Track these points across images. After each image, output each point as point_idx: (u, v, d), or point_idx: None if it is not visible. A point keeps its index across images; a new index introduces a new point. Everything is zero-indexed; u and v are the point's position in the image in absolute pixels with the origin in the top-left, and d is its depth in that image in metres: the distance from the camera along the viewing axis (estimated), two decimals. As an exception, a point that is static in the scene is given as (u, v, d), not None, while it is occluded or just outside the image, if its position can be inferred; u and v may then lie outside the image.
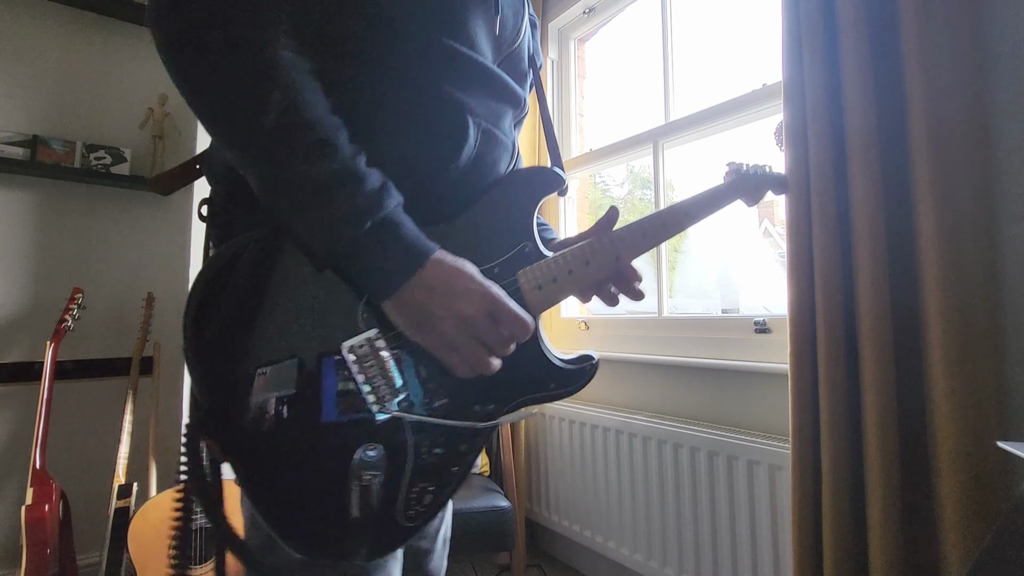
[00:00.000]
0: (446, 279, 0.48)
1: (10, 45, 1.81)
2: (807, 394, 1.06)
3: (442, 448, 0.52)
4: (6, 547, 1.70)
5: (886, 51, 1.01)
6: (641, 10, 1.93)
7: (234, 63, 0.44)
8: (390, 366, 0.50)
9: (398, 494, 0.50)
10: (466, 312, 0.48)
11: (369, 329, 0.50)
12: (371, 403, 0.49)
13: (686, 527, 1.37)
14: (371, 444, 0.48)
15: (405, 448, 0.50)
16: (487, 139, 0.58)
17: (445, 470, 0.52)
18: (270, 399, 0.46)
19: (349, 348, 0.49)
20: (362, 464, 0.48)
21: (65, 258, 1.87)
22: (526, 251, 0.58)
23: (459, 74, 0.55)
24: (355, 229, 0.46)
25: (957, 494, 0.86)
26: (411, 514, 0.51)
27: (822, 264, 1.03)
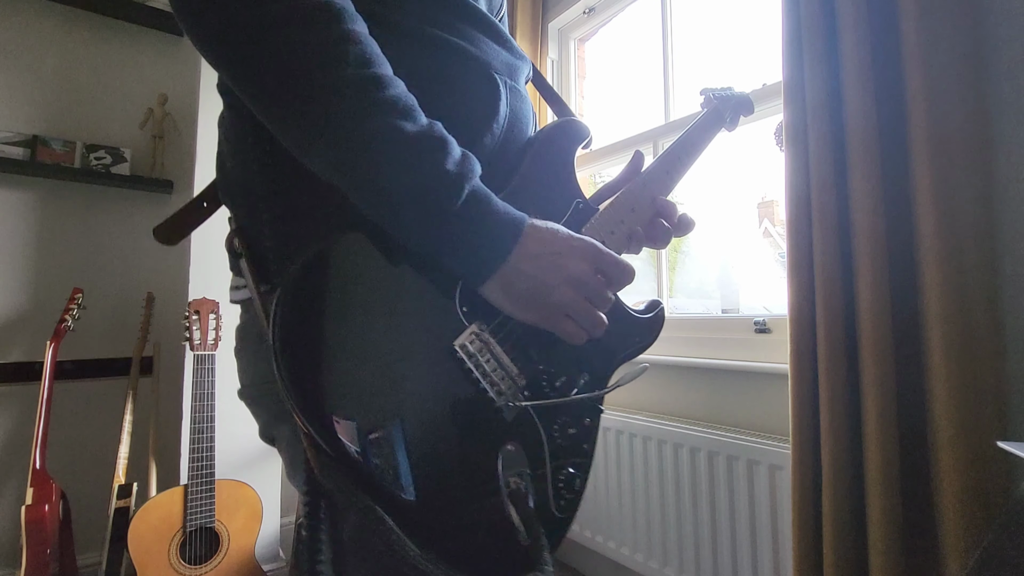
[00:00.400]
0: (548, 244, 0.44)
1: (10, 45, 1.81)
2: (807, 394, 1.06)
3: (574, 427, 0.50)
4: (6, 547, 1.70)
5: (886, 51, 1.01)
6: (641, 10, 1.93)
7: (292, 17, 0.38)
8: (504, 358, 0.46)
9: (548, 487, 0.47)
10: (577, 272, 0.45)
11: (471, 323, 0.45)
12: (499, 400, 0.45)
13: (686, 527, 1.37)
14: (509, 444, 0.45)
15: (540, 438, 0.48)
16: (514, 96, 0.55)
17: (580, 448, 0.50)
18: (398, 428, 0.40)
19: (461, 347, 0.44)
20: (507, 468, 0.44)
21: (65, 258, 1.87)
22: (580, 208, 0.56)
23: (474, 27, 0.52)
24: (450, 201, 0.40)
25: (957, 494, 0.86)
26: (562, 504, 0.48)
27: (822, 264, 1.03)
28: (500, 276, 0.43)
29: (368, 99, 0.39)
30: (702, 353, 1.50)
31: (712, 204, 1.87)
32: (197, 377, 1.51)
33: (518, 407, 0.46)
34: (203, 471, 1.45)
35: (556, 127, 0.57)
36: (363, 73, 0.39)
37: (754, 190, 1.79)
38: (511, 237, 0.43)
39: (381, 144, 0.39)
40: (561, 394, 0.50)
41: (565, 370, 0.51)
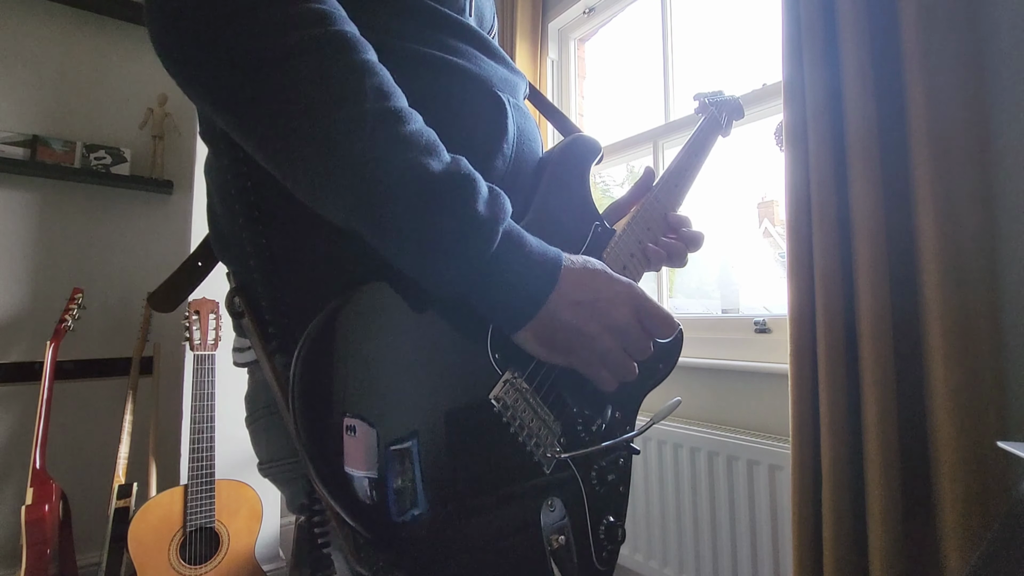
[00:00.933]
0: (588, 289, 0.41)
1: (10, 45, 1.82)
2: (807, 394, 1.06)
3: (612, 472, 0.48)
4: (6, 547, 1.70)
5: (886, 51, 1.01)
6: (641, 10, 1.93)
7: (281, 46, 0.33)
8: (540, 406, 0.44)
9: (589, 541, 0.45)
10: (620, 322, 0.42)
11: (504, 371, 0.42)
12: (537, 453, 0.42)
13: (686, 527, 1.37)
14: (549, 500, 0.43)
15: (579, 489, 0.45)
16: (519, 114, 0.52)
17: (617, 492, 0.49)
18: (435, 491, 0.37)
19: (495, 399, 0.41)
20: (549, 527, 0.42)
21: (65, 258, 1.87)
22: (599, 231, 0.53)
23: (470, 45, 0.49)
24: (484, 246, 0.37)
25: (957, 494, 0.86)
26: (604, 555, 0.46)
27: (822, 264, 1.03)
28: (536, 323, 0.40)
29: (390, 136, 0.35)
30: (702, 353, 1.50)
31: (712, 204, 1.87)
32: (197, 377, 1.51)
33: (557, 459, 0.43)
34: (203, 471, 1.45)
35: (569, 145, 0.55)
36: (382, 107, 0.35)
37: (754, 190, 1.79)
38: (548, 281, 0.40)
39: (407, 187, 0.35)
40: (596, 439, 0.48)
41: (598, 411, 0.49)
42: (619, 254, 0.54)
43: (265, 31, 0.33)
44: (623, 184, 2.48)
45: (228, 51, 0.33)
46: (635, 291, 0.44)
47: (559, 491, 0.44)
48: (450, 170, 0.36)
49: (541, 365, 0.45)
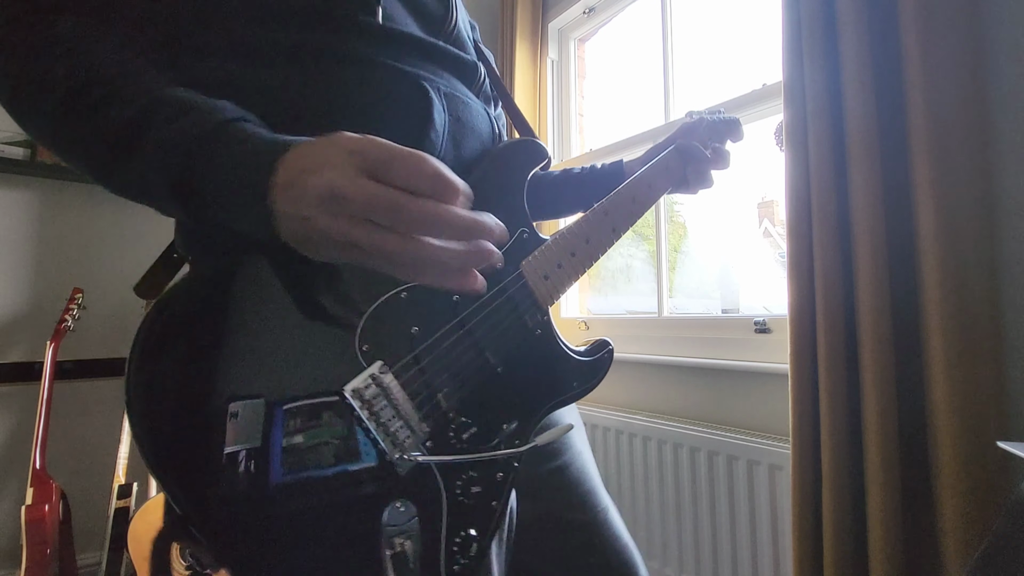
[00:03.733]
0: (300, 162, 0.33)
1: (10, 45, 1.81)
2: (807, 394, 1.06)
3: (480, 485, 0.44)
4: (6, 547, 1.70)
5: (886, 51, 1.01)
6: (641, 10, 1.93)
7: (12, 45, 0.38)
8: (406, 404, 0.41)
9: (439, 551, 0.42)
10: (319, 186, 0.32)
11: (372, 363, 0.40)
12: (391, 454, 0.40)
13: (686, 527, 1.37)
14: (398, 502, 0.40)
15: (439, 495, 0.42)
16: (454, 102, 0.52)
17: (485, 508, 0.45)
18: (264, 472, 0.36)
19: (353, 392, 0.39)
20: (392, 529, 0.40)
21: (65, 258, 1.87)
22: (524, 238, 0.51)
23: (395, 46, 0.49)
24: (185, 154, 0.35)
25: (957, 494, 0.86)
26: (455, 568, 0.43)
27: (822, 264, 1.03)
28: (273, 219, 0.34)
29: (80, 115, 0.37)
30: (702, 353, 1.50)
31: (712, 204, 1.87)
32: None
33: (412, 462, 0.40)
34: (203, 471, 1.45)
35: (511, 146, 0.54)
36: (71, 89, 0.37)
37: (754, 190, 1.79)
38: (263, 166, 0.34)
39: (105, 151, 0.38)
40: (469, 448, 0.44)
41: (478, 420, 0.45)
42: (542, 264, 0.52)
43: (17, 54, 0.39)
44: (623, 184, 2.47)
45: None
46: (359, 143, 0.33)
47: (414, 495, 0.41)
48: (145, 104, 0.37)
49: (420, 357, 0.42)
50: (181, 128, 0.35)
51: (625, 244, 2.18)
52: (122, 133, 0.36)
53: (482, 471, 0.45)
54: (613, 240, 0.59)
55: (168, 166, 0.35)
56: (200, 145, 0.35)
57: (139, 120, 0.36)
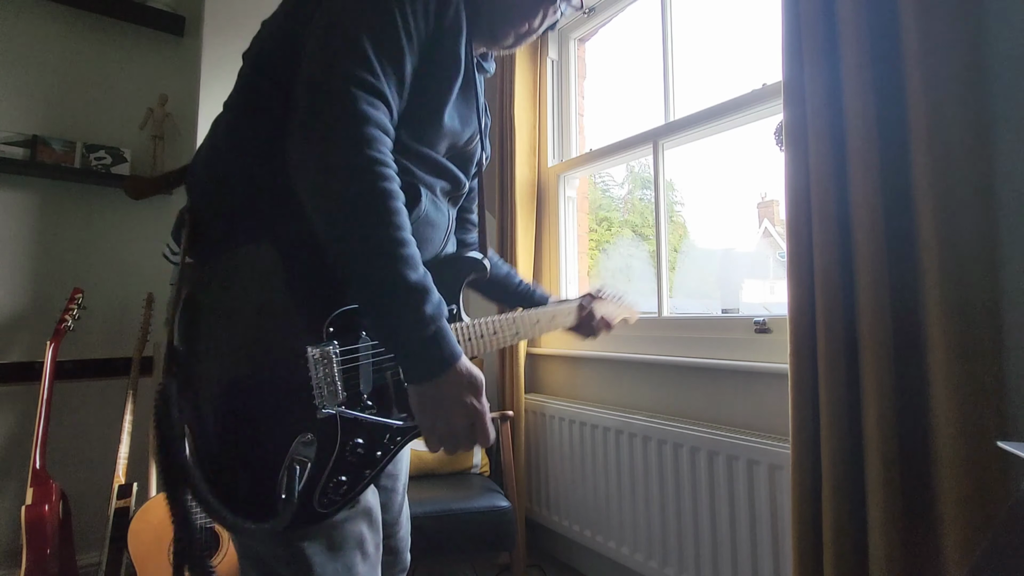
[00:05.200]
0: (455, 390, 0.58)
1: (10, 45, 1.81)
2: (807, 394, 1.06)
3: (362, 450, 0.62)
4: (6, 547, 1.70)
5: (886, 51, 1.01)
6: (641, 10, 1.93)
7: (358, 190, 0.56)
8: (339, 375, 0.59)
9: (318, 483, 0.58)
10: (455, 424, 0.59)
11: (331, 342, 0.60)
12: (317, 401, 0.58)
13: (686, 527, 1.37)
14: (308, 434, 0.58)
15: (334, 444, 0.60)
16: (432, 206, 0.71)
17: (360, 470, 0.62)
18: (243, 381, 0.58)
19: (311, 353, 0.58)
20: (296, 447, 0.58)
21: (65, 258, 1.87)
22: (453, 312, 0.73)
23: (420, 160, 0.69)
24: (423, 331, 0.56)
25: (957, 494, 0.86)
26: (324, 500, 0.59)
27: (822, 264, 1.03)
28: (417, 387, 0.58)
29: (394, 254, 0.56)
30: (702, 353, 1.50)
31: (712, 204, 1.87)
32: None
33: (325, 413, 0.59)
34: (203, 471, 1.45)
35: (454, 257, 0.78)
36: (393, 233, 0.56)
37: (754, 190, 1.79)
38: (440, 370, 0.58)
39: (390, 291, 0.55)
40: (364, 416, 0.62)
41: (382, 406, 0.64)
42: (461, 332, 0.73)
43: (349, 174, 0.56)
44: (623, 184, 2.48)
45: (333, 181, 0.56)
46: (481, 410, 0.60)
47: (319, 435, 0.59)
48: (418, 280, 0.56)
49: (354, 353, 0.62)
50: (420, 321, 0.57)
51: (625, 244, 2.18)
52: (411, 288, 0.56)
53: (368, 443, 0.62)
54: (514, 340, 0.85)
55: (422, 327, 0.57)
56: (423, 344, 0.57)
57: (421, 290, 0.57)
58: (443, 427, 0.59)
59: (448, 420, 0.59)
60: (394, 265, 0.55)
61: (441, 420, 0.59)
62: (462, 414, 0.59)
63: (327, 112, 0.56)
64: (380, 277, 0.55)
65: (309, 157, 0.56)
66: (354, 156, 0.55)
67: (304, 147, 0.56)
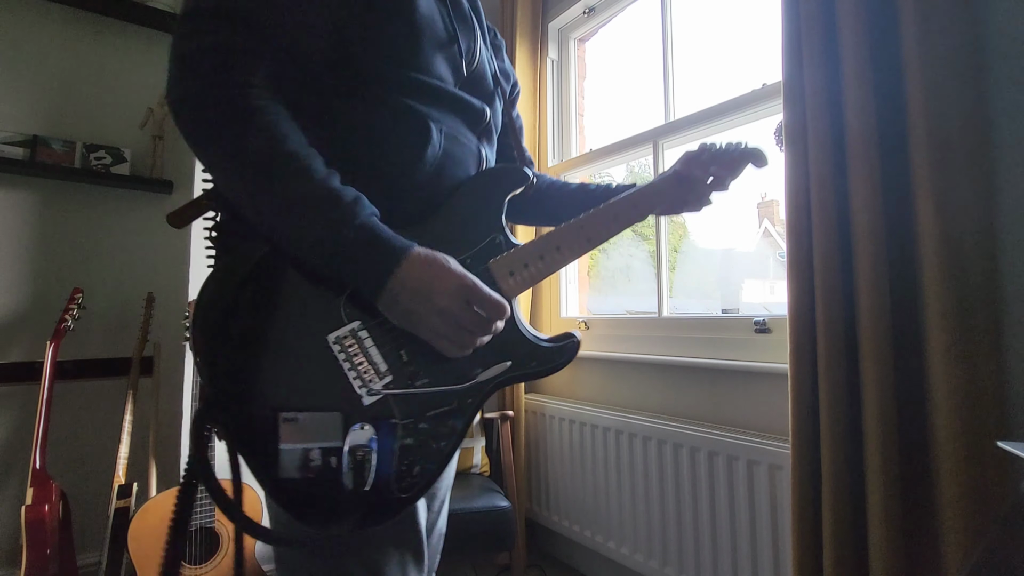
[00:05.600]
0: (421, 275, 0.53)
1: (10, 45, 1.81)
2: (807, 394, 1.06)
3: (429, 424, 0.57)
4: (6, 547, 1.70)
5: (886, 51, 1.01)
6: (641, 10, 1.93)
7: (219, 116, 0.51)
8: (373, 352, 0.55)
9: (391, 467, 0.55)
10: (443, 304, 0.53)
11: (352, 322, 0.56)
12: (358, 387, 0.54)
13: (686, 527, 1.37)
14: (360, 424, 0.54)
15: (395, 427, 0.55)
16: (451, 142, 0.64)
17: (432, 443, 0.57)
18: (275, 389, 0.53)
19: (335, 339, 0.55)
20: (353, 440, 0.53)
21: (65, 258, 1.87)
22: (496, 242, 0.63)
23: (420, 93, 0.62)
24: (338, 236, 0.52)
25: (957, 494, 0.86)
26: (404, 485, 0.55)
27: (822, 264, 1.03)
28: (383, 298, 0.53)
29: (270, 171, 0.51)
30: (702, 353, 1.50)
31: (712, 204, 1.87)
32: (197, 377, 1.51)
33: (376, 395, 0.55)
34: (203, 471, 1.45)
35: (492, 171, 0.68)
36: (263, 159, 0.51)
37: (754, 190, 1.79)
38: (388, 266, 0.53)
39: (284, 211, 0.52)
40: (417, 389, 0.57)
41: (435, 373, 0.58)
42: (509, 263, 0.62)
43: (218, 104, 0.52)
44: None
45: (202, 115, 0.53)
46: (465, 281, 0.54)
47: (375, 421, 0.54)
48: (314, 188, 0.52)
49: (384, 323, 0.56)
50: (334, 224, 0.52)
51: (625, 244, 2.18)
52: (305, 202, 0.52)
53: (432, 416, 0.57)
54: (585, 250, 0.67)
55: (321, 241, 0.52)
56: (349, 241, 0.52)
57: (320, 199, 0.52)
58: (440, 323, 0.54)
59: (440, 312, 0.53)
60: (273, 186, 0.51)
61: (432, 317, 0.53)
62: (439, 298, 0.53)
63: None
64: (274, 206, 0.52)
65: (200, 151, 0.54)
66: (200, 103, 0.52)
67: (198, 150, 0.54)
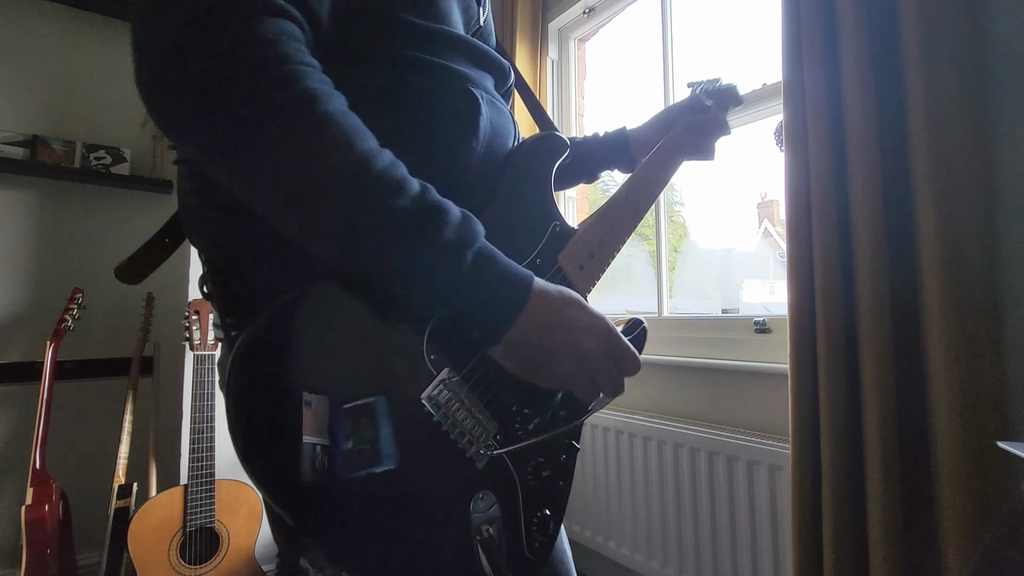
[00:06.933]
0: (563, 313, 0.43)
1: (10, 45, 1.82)
2: (807, 394, 1.06)
3: (549, 468, 0.50)
4: (6, 547, 1.70)
5: (886, 51, 1.01)
6: (641, 10, 1.93)
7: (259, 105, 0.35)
8: (475, 404, 0.45)
9: (520, 532, 0.47)
10: (590, 351, 0.44)
11: (440, 371, 0.44)
12: (469, 450, 0.44)
13: (686, 527, 1.37)
14: (480, 493, 0.45)
15: (513, 482, 0.47)
16: (493, 109, 0.53)
17: (555, 487, 0.51)
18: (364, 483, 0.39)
19: (428, 398, 0.43)
20: (478, 517, 0.44)
21: (65, 258, 1.87)
22: (558, 231, 0.55)
23: (447, 48, 0.51)
24: (456, 267, 0.39)
25: (957, 494, 0.86)
26: (536, 545, 0.49)
27: (822, 264, 1.03)
28: (507, 341, 0.42)
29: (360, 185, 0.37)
30: (702, 353, 1.50)
31: (712, 204, 1.87)
32: (197, 377, 1.51)
33: (490, 455, 0.45)
34: (203, 471, 1.45)
35: (534, 143, 0.56)
36: (351, 157, 0.37)
37: (754, 190, 1.79)
38: (518, 302, 0.42)
39: (380, 229, 0.38)
40: (533, 436, 0.49)
41: (539, 410, 0.50)
42: (577, 255, 0.55)
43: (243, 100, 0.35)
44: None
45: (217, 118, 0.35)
46: (608, 325, 0.46)
47: (492, 484, 0.46)
48: (416, 205, 0.39)
49: (480, 364, 0.46)
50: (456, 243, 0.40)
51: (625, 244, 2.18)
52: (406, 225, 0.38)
53: (548, 456, 0.50)
54: (636, 223, 0.62)
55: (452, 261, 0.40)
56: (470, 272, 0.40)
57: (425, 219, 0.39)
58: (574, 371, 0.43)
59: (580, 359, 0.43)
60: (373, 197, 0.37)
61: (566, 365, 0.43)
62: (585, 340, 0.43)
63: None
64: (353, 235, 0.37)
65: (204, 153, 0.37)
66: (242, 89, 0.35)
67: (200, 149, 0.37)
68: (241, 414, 0.37)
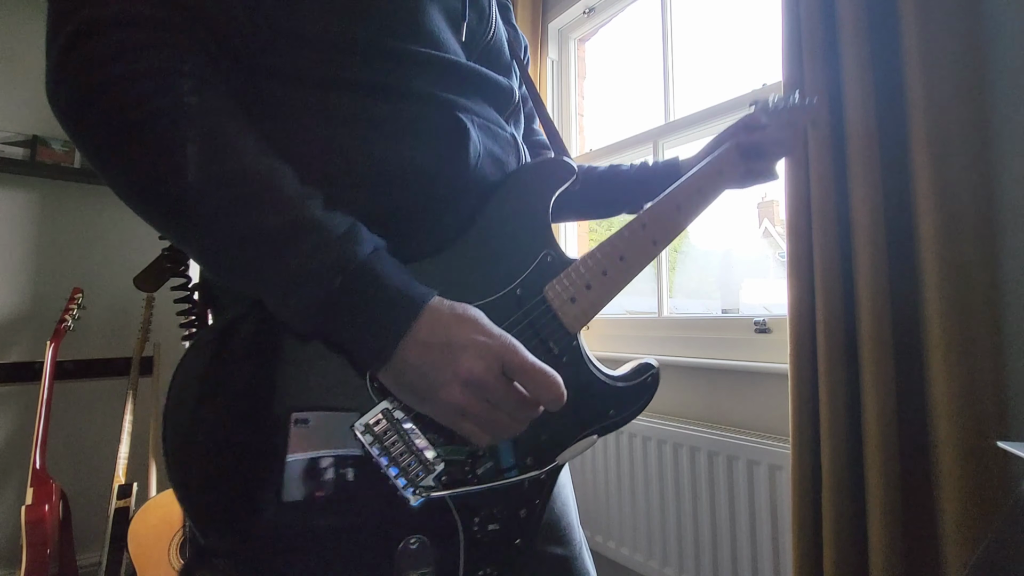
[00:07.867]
0: (443, 332, 0.38)
1: (10, 45, 1.82)
2: (807, 394, 1.06)
3: (499, 522, 0.44)
4: (6, 547, 1.70)
5: (886, 51, 1.01)
6: (641, 10, 1.93)
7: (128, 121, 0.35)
8: (418, 439, 0.41)
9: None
10: (472, 371, 0.38)
11: (381, 400, 0.41)
12: (403, 487, 0.39)
13: (686, 527, 1.37)
14: (412, 538, 0.40)
15: (455, 532, 0.42)
16: (489, 136, 0.51)
17: (509, 545, 0.44)
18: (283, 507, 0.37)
19: (364, 429, 0.39)
20: (405, 563, 0.39)
21: (65, 258, 1.87)
22: (548, 260, 0.50)
23: (432, 74, 0.48)
24: (321, 289, 0.37)
25: (957, 494, 0.86)
26: None
27: (822, 264, 1.03)
28: (393, 365, 0.38)
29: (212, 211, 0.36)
30: (702, 353, 1.50)
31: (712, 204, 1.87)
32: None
33: (425, 496, 0.40)
34: (203, 471, 1.45)
35: (534, 167, 0.53)
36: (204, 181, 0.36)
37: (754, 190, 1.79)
38: (402, 321, 0.38)
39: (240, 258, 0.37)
40: (482, 482, 0.43)
41: (496, 454, 0.44)
42: (568, 287, 0.50)
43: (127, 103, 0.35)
44: (623, 184, 2.47)
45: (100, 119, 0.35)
46: (505, 343, 0.39)
47: (429, 530, 0.41)
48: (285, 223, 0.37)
49: None
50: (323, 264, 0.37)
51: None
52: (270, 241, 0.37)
53: (503, 507, 0.44)
54: (651, 256, 0.56)
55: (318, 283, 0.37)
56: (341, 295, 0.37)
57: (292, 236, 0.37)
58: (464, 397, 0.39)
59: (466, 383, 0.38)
60: (214, 233, 0.36)
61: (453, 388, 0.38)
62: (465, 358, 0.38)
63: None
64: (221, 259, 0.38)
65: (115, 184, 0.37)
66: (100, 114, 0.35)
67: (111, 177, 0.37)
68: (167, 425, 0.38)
